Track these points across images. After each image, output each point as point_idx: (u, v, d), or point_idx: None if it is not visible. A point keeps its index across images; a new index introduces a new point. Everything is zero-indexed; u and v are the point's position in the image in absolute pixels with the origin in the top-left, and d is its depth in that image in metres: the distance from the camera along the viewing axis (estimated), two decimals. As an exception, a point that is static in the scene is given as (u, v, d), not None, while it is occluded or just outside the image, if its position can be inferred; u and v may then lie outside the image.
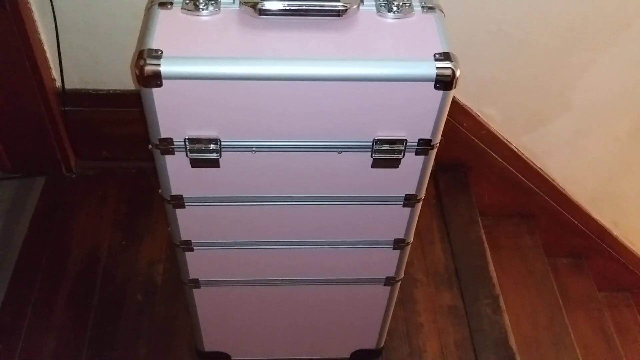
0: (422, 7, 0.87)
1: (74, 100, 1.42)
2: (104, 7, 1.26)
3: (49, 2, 1.25)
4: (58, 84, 1.40)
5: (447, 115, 0.85)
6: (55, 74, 1.39)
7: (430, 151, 0.90)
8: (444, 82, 0.81)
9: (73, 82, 1.40)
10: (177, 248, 1.02)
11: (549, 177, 1.60)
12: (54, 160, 1.48)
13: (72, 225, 1.45)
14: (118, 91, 1.42)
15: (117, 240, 1.44)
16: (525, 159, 1.56)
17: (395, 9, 0.86)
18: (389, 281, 1.10)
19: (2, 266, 1.37)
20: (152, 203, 1.49)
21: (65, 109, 1.43)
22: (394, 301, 1.16)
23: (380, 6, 0.86)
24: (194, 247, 1.01)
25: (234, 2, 0.85)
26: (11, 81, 1.32)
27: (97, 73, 1.39)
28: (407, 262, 1.09)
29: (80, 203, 1.49)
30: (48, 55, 1.36)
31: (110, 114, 1.45)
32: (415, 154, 0.90)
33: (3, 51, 1.26)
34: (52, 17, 1.27)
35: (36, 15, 1.29)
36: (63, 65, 1.37)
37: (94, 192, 1.51)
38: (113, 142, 1.51)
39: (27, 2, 1.25)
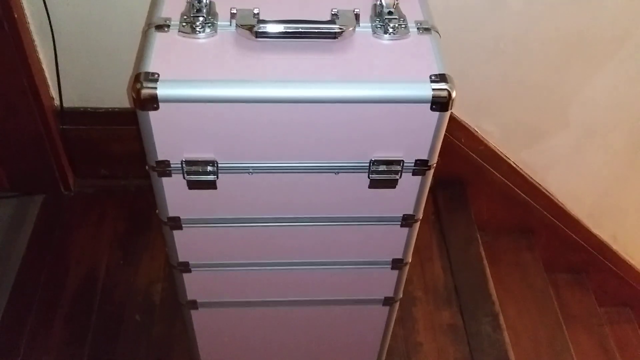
0: (418, 28, 0.88)
1: (72, 118, 1.42)
2: (101, 26, 1.26)
3: (48, 21, 1.25)
4: (56, 102, 1.41)
5: (445, 131, 0.85)
6: (54, 92, 1.39)
7: (427, 171, 0.90)
8: (440, 104, 0.81)
9: (71, 100, 1.41)
10: (174, 269, 1.02)
11: (548, 192, 1.60)
12: (53, 179, 1.48)
13: (70, 244, 1.45)
14: (116, 109, 1.42)
15: (115, 259, 1.43)
16: (524, 174, 1.56)
17: (391, 30, 0.86)
18: (388, 301, 1.10)
19: (0, 285, 1.36)
20: (150, 221, 1.49)
21: (64, 127, 1.43)
22: (393, 321, 1.15)
23: (376, 28, 0.87)
24: (192, 269, 1.01)
25: (230, 25, 0.85)
26: (9, 100, 1.32)
27: (96, 91, 1.39)
28: (406, 279, 1.08)
29: (79, 221, 1.49)
30: (46, 74, 1.36)
31: (108, 132, 1.45)
32: (413, 175, 0.90)
33: (1, 70, 1.27)
34: (51, 36, 1.28)
35: (35, 35, 1.29)
36: (61, 83, 1.37)
37: (93, 211, 1.51)
38: (111, 160, 1.51)
39: (26, 22, 1.26)
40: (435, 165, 0.89)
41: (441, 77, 0.81)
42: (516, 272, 1.65)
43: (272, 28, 0.82)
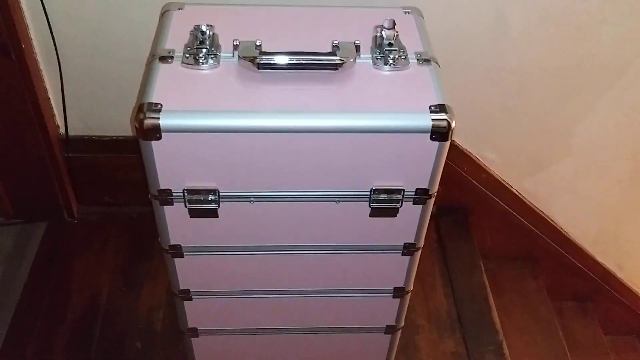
0: (418, 59, 0.89)
1: (77, 146, 1.43)
2: (108, 55, 1.28)
3: (55, 51, 1.27)
4: (62, 130, 1.42)
5: (447, 159, 0.86)
6: (59, 120, 1.41)
7: (428, 200, 0.90)
8: (440, 134, 0.82)
9: (76, 128, 1.42)
10: (175, 297, 1.02)
11: (552, 220, 1.60)
12: (56, 206, 1.49)
13: (72, 271, 1.45)
14: (121, 137, 1.43)
15: (117, 286, 1.43)
16: (527, 202, 1.56)
17: (391, 61, 0.87)
18: (390, 329, 1.09)
19: (2, 312, 1.36)
20: (153, 248, 1.49)
21: (69, 155, 1.44)
22: (395, 349, 1.15)
23: (377, 59, 0.88)
24: (193, 297, 1.01)
25: (233, 56, 0.87)
26: (16, 128, 1.34)
27: (101, 119, 1.41)
28: (408, 307, 1.08)
29: (81, 249, 1.49)
30: (52, 102, 1.38)
31: (112, 160, 1.46)
32: (413, 203, 0.90)
33: (8, 99, 1.28)
34: (57, 65, 1.30)
35: (41, 64, 1.31)
36: (67, 112, 1.38)
37: (95, 238, 1.51)
38: (115, 187, 1.52)
39: (33, 52, 1.28)
40: (436, 194, 0.90)
41: (441, 108, 0.82)
42: (520, 300, 1.64)
43: (273, 60, 0.83)
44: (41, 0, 1.18)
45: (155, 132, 0.79)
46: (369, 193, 0.88)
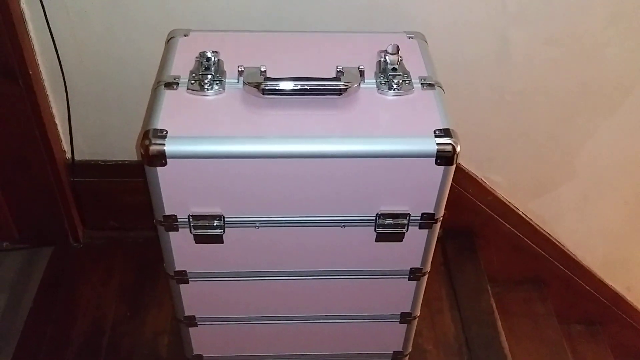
0: (422, 84, 0.89)
1: (83, 171, 1.44)
2: (114, 81, 1.29)
3: (62, 77, 1.28)
4: (68, 155, 1.43)
5: (453, 181, 0.86)
6: (66, 145, 1.42)
7: (434, 225, 0.90)
8: (445, 158, 0.82)
9: (83, 153, 1.43)
10: (180, 324, 1.01)
11: (559, 242, 1.58)
12: (62, 231, 1.49)
13: (77, 296, 1.44)
14: (127, 162, 1.44)
15: (122, 311, 1.42)
16: (534, 224, 1.55)
17: (395, 86, 0.87)
18: (397, 356, 1.08)
19: (7, 337, 1.35)
20: (158, 273, 1.48)
21: (75, 179, 1.45)
22: (402, 375, 1.13)
23: (381, 84, 0.88)
24: (198, 323, 1.01)
25: (238, 82, 0.87)
26: (22, 153, 1.35)
27: (107, 144, 1.41)
28: (415, 332, 1.07)
29: (87, 273, 1.48)
30: (59, 127, 1.39)
31: (118, 184, 1.46)
32: (419, 228, 0.90)
33: (15, 124, 1.29)
34: (64, 91, 1.31)
35: (48, 90, 1.32)
36: (73, 136, 1.39)
37: (101, 262, 1.51)
38: (121, 212, 1.52)
39: (40, 78, 1.29)
40: (442, 218, 0.89)
41: (445, 132, 0.82)
42: (528, 323, 1.62)
43: (278, 85, 0.84)
44: (49, 27, 1.20)
45: (161, 158, 0.79)
46: (374, 218, 0.88)
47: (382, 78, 0.89)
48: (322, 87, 0.84)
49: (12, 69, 1.20)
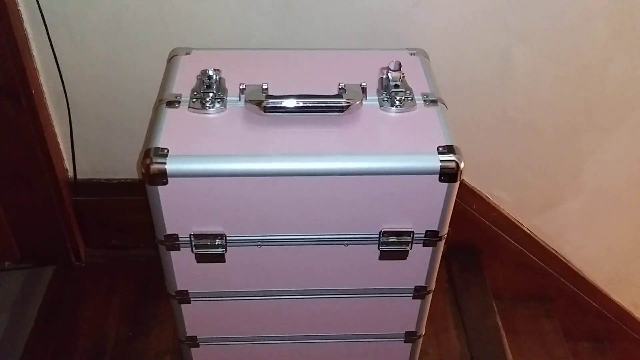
0: (425, 100, 0.89)
1: (85, 189, 1.43)
2: (116, 100, 1.29)
3: (64, 96, 1.29)
4: (70, 174, 1.42)
5: (457, 198, 0.85)
6: (68, 164, 1.41)
7: (438, 242, 0.89)
8: (449, 175, 0.81)
9: (85, 172, 1.42)
10: (182, 344, 1.00)
11: (565, 258, 1.57)
12: (64, 250, 1.48)
13: (79, 316, 1.43)
14: (129, 180, 1.43)
15: (124, 331, 1.41)
16: (539, 240, 1.53)
17: (397, 103, 0.87)
18: (402, 375, 1.07)
19: (8, 358, 1.34)
20: (160, 291, 1.46)
21: (77, 198, 1.44)
22: (408, 396, 1.12)
23: (383, 101, 0.88)
24: (200, 343, 0.99)
25: (240, 100, 0.87)
26: (24, 171, 1.34)
27: (109, 163, 1.41)
28: (421, 350, 1.05)
29: (89, 293, 1.47)
30: (61, 146, 1.38)
31: (120, 203, 1.46)
32: (423, 245, 0.89)
33: (17, 143, 1.29)
34: (67, 110, 1.31)
35: (51, 109, 1.32)
36: (75, 155, 1.39)
37: (103, 282, 1.50)
38: (123, 230, 1.51)
39: (43, 98, 1.29)
40: (446, 236, 0.89)
41: (449, 149, 0.81)
42: (535, 341, 1.60)
43: (280, 103, 0.83)
44: (51, 46, 1.20)
45: (162, 177, 0.79)
46: (378, 236, 0.87)
47: (384, 95, 0.89)
48: (324, 105, 0.84)
49: (14, 88, 1.20)
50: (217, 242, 0.86)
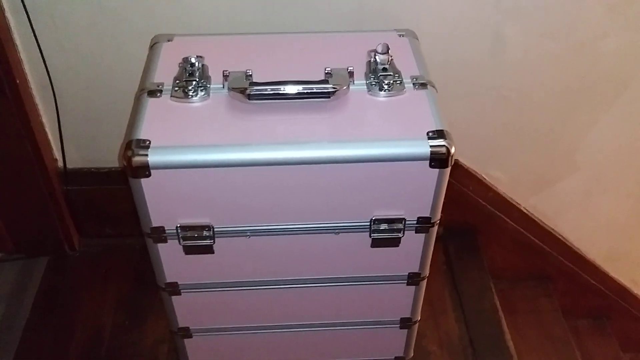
0: (414, 84, 0.86)
1: (75, 179, 1.42)
2: (103, 87, 1.27)
3: (50, 86, 1.26)
4: (60, 163, 1.41)
5: (453, 179, 0.83)
6: (57, 154, 1.40)
7: (430, 229, 0.87)
8: (439, 160, 0.79)
9: (75, 161, 1.41)
10: (175, 335, 0.99)
11: (562, 237, 1.56)
12: (57, 240, 1.47)
13: (75, 306, 1.42)
14: (119, 168, 1.42)
15: (120, 320, 1.40)
16: (536, 219, 1.52)
17: (386, 87, 0.85)
18: (398, 361, 1.06)
19: (4, 349, 1.34)
20: (156, 280, 1.46)
21: (68, 188, 1.43)
22: (405, 380, 1.11)
23: (371, 85, 0.86)
24: (193, 334, 0.99)
25: (223, 87, 0.85)
26: (13, 163, 1.33)
27: (98, 151, 1.39)
28: (419, 333, 1.05)
29: (84, 282, 1.47)
30: (49, 136, 1.37)
31: (112, 191, 1.44)
32: (416, 232, 0.87)
33: (4, 134, 1.27)
34: (53, 100, 1.29)
35: (37, 99, 1.30)
36: (64, 145, 1.37)
37: (98, 271, 1.49)
38: (116, 219, 1.50)
39: (28, 87, 1.27)
40: (438, 222, 0.87)
41: (439, 134, 0.79)
42: (534, 320, 1.59)
43: (264, 90, 0.81)
44: (35, 35, 1.17)
45: (144, 170, 0.77)
46: (369, 223, 0.85)
47: (372, 79, 0.86)
48: (310, 91, 0.81)
49: (-3, 79, 1.18)
50: (205, 233, 0.84)
